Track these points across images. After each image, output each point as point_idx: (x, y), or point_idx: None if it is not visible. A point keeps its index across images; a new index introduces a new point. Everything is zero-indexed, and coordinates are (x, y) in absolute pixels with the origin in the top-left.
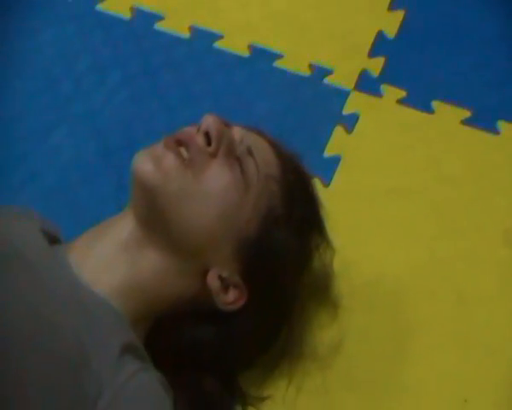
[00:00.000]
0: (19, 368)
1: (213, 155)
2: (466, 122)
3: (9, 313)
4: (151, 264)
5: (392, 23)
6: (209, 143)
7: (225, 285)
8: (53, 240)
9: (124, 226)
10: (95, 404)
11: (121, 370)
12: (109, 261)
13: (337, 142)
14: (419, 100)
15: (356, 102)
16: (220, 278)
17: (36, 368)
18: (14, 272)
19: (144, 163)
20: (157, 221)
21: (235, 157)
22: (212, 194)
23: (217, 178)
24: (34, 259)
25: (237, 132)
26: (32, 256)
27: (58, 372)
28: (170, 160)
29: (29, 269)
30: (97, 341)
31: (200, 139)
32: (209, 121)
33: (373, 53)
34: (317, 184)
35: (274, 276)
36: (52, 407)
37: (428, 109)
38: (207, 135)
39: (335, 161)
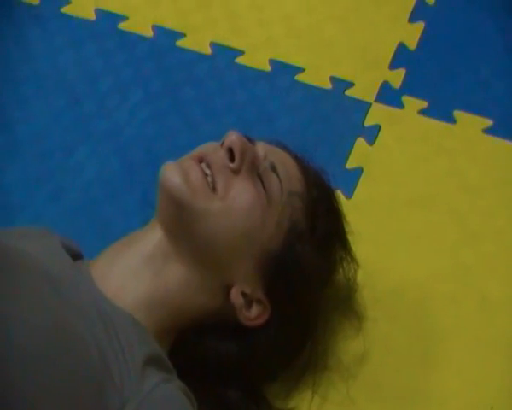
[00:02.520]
0: (41, 380)
1: (236, 172)
2: (487, 131)
3: (34, 326)
4: (175, 277)
5: (412, 35)
6: (232, 160)
7: (248, 301)
8: (75, 256)
9: (149, 239)
10: None
11: (144, 381)
12: (134, 273)
13: (359, 154)
14: (440, 110)
15: (377, 114)
16: (243, 294)
17: (58, 381)
18: (38, 287)
19: (173, 175)
20: (182, 233)
21: (257, 174)
22: (236, 212)
23: (241, 195)
24: (58, 274)
25: (261, 148)
26: (55, 271)
27: (81, 386)
28: (196, 176)
29: (53, 283)
30: (120, 354)
31: (223, 155)
32: (232, 137)
33: (393, 65)
34: (340, 196)
35: (297, 291)
36: None
37: (450, 120)
38: (231, 151)
39: (357, 172)
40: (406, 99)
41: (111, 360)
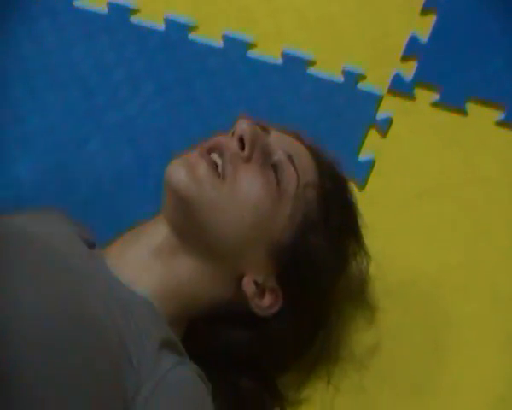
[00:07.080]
0: (59, 361)
1: (247, 160)
2: (500, 122)
3: (53, 311)
4: (186, 269)
5: (424, 26)
6: (243, 148)
7: (261, 290)
8: (89, 244)
9: (157, 232)
10: (133, 400)
11: (160, 364)
12: (144, 266)
13: (371, 145)
14: (452, 101)
15: (389, 106)
16: (256, 282)
17: (77, 362)
18: (56, 272)
19: (178, 172)
20: (190, 228)
21: (270, 163)
22: (245, 202)
23: (249, 185)
24: (74, 259)
25: (276, 137)
26: (72, 255)
27: (99, 368)
28: (203, 168)
29: (70, 268)
30: (136, 337)
31: (234, 144)
32: (243, 126)
33: (405, 56)
34: (352, 187)
35: (310, 282)
36: (92, 403)
37: (462, 111)
38: (241, 140)
39: (369, 164)
40: (418, 90)
41: (129, 343)
